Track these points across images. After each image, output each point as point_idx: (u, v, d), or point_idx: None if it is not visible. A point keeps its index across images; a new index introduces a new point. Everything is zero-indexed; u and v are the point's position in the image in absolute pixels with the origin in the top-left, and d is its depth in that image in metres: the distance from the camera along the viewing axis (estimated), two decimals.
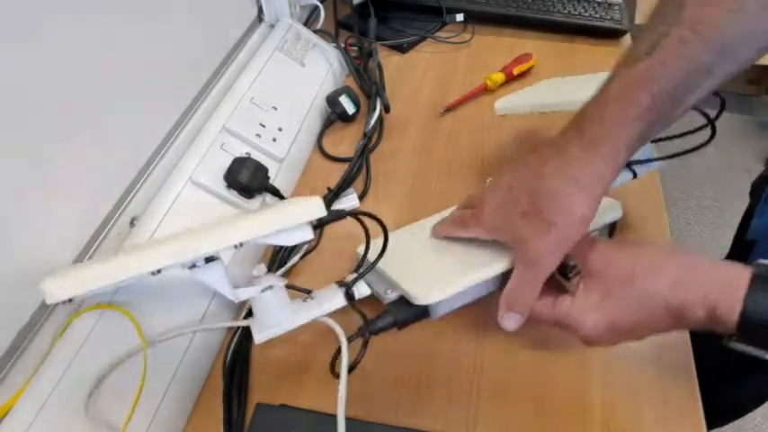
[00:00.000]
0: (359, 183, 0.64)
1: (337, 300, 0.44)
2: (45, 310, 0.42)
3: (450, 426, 0.44)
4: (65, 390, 0.39)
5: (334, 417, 0.43)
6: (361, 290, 0.45)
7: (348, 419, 0.42)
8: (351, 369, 0.40)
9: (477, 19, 0.90)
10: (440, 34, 0.89)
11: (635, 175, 0.52)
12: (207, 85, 0.63)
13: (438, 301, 0.42)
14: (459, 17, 0.90)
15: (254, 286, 0.41)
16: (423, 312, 0.44)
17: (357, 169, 0.63)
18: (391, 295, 0.44)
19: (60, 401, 0.38)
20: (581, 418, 0.44)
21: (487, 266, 0.43)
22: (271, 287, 0.42)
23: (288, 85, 0.69)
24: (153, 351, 0.44)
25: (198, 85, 0.62)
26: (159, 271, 0.34)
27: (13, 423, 0.37)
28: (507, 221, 0.42)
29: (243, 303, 0.51)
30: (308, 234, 0.38)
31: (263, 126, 0.62)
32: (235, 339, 0.48)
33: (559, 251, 0.40)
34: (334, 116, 0.71)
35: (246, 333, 0.49)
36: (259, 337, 0.42)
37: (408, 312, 0.44)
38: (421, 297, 0.42)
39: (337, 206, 0.61)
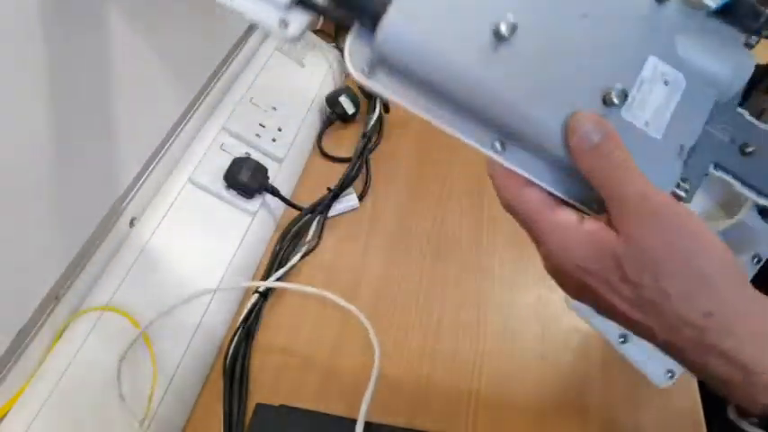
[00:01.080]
0: (358, 183, 0.64)
1: None
2: (45, 310, 0.42)
3: (450, 426, 0.44)
4: (65, 390, 0.39)
5: (333, 417, 0.43)
6: None
7: (347, 420, 0.42)
8: None
9: None
10: None
11: None
12: (206, 85, 0.63)
13: None
14: None
15: None
16: None
17: (357, 169, 0.63)
18: None
19: (60, 401, 0.39)
20: (581, 418, 0.44)
21: None
22: None
23: (287, 86, 0.69)
24: (153, 350, 0.44)
25: (197, 86, 0.62)
26: None
27: (13, 423, 0.37)
28: None
29: (241, 306, 0.51)
30: None
31: (263, 126, 0.62)
32: (235, 339, 0.49)
33: None
34: (334, 116, 0.71)
35: (247, 333, 0.49)
36: None
37: None
38: None
39: (337, 206, 0.61)
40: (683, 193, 0.29)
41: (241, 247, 0.54)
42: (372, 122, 0.68)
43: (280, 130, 0.63)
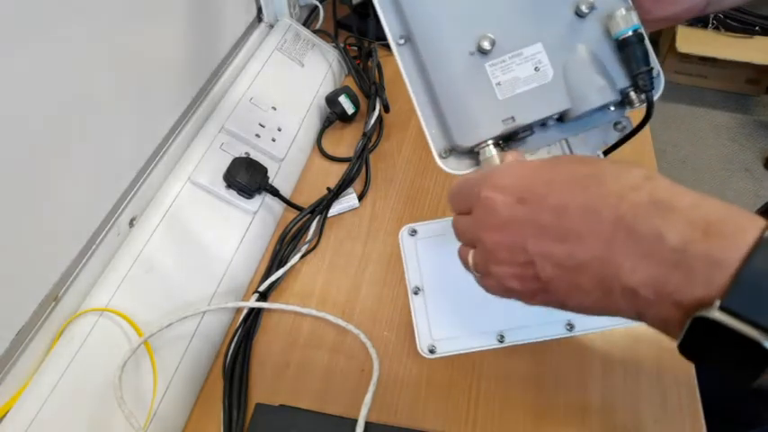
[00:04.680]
0: (358, 183, 0.64)
1: None
2: (45, 310, 0.42)
3: (449, 426, 0.44)
4: (64, 390, 0.39)
5: (333, 417, 0.43)
6: None
7: (347, 420, 0.42)
8: None
9: None
10: None
11: None
12: (206, 85, 0.63)
13: None
14: None
15: None
16: None
17: (356, 169, 0.63)
18: None
19: (60, 401, 0.39)
20: (580, 418, 0.44)
21: None
22: None
23: (287, 86, 0.69)
24: (153, 350, 0.44)
25: (197, 86, 0.62)
26: None
27: (13, 423, 0.37)
28: None
29: (239, 309, 0.51)
30: None
31: (263, 126, 0.62)
32: (235, 339, 0.49)
33: None
34: (334, 116, 0.70)
35: (247, 333, 0.49)
36: None
37: None
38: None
39: (337, 206, 0.61)
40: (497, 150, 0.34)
41: (241, 247, 0.54)
42: (372, 122, 0.68)
43: (279, 129, 0.63)
